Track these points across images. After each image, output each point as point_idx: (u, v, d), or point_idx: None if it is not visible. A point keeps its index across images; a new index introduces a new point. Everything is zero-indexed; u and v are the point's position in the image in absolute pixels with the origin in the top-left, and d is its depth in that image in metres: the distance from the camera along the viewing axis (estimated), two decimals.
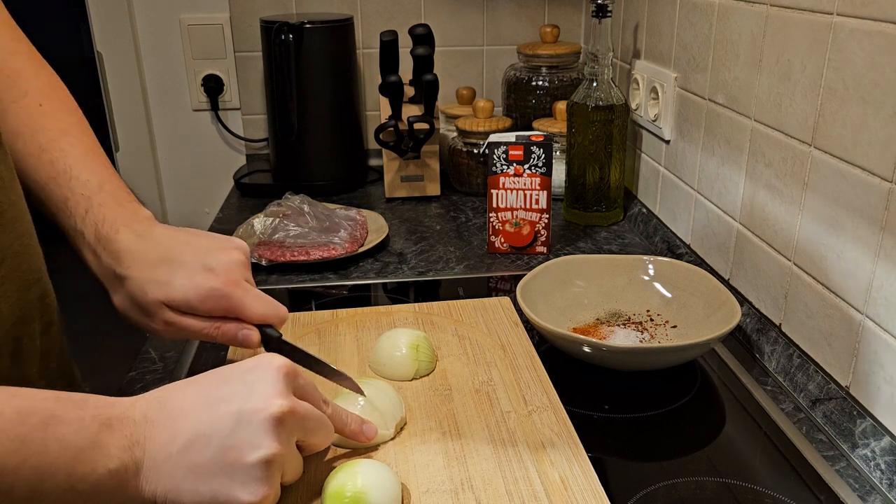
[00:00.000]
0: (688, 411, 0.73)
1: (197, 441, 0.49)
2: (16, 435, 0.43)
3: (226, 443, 0.49)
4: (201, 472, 0.49)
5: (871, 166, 0.64)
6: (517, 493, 0.56)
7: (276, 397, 0.51)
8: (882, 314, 0.64)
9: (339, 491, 0.53)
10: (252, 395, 0.51)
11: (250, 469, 0.49)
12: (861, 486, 0.63)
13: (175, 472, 0.49)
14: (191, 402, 0.51)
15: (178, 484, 0.49)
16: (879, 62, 0.62)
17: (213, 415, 0.50)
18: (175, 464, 0.49)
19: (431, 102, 1.22)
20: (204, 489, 0.49)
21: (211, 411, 0.50)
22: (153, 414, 0.50)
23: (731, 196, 0.90)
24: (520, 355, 0.75)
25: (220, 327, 0.65)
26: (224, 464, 0.49)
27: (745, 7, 0.84)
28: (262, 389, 0.51)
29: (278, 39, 1.23)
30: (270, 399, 0.51)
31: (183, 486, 0.49)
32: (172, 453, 0.49)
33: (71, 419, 0.46)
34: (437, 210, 1.26)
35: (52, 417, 0.45)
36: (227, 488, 0.49)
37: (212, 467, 0.49)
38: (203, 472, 0.49)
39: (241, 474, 0.49)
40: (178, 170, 1.55)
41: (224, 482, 0.49)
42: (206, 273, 0.64)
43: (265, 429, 0.50)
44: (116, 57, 1.44)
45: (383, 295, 0.98)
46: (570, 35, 1.47)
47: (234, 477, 0.49)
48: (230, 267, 0.65)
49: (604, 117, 1.12)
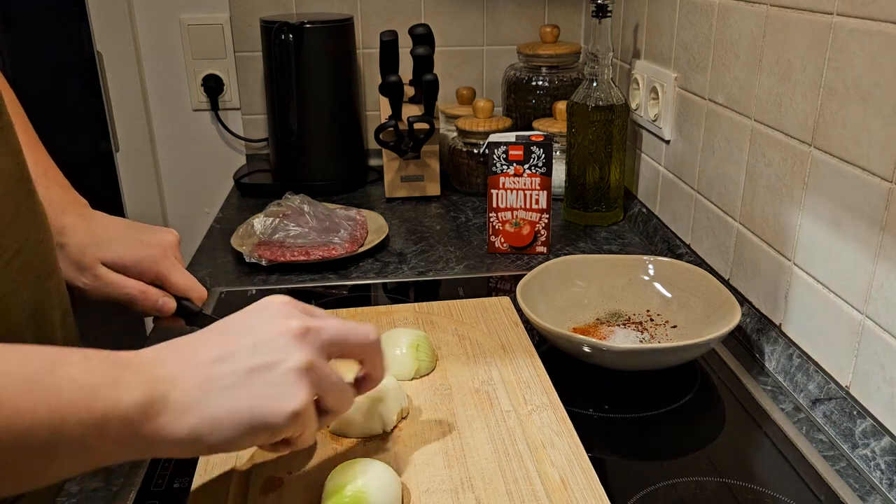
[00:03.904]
0: (688, 411, 0.73)
1: (222, 363, 0.47)
2: (23, 377, 0.41)
3: (251, 361, 0.48)
4: (235, 390, 0.47)
5: (871, 166, 0.64)
6: (517, 493, 0.56)
7: (290, 318, 0.50)
8: (882, 314, 0.64)
9: (339, 491, 0.53)
10: (265, 322, 0.50)
11: (285, 376, 0.48)
12: (861, 486, 0.63)
13: (208, 397, 0.46)
14: (199, 339, 0.50)
15: (213, 410, 0.46)
16: (879, 62, 0.62)
17: (228, 342, 0.49)
18: (205, 389, 0.46)
19: (431, 102, 1.22)
20: (242, 407, 0.47)
21: (225, 339, 0.49)
22: (164, 353, 0.48)
23: (731, 196, 0.90)
24: (520, 355, 0.75)
25: (145, 291, 0.71)
26: (255, 378, 0.47)
27: (745, 7, 0.84)
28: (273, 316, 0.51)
29: (278, 39, 1.23)
30: (286, 320, 0.50)
31: (219, 410, 0.46)
32: (199, 380, 0.47)
33: (76, 361, 0.44)
34: (437, 210, 1.26)
35: (58, 360, 0.44)
36: (265, 400, 0.47)
37: (244, 383, 0.47)
38: (237, 390, 0.47)
39: (276, 385, 0.47)
40: (178, 170, 1.55)
41: (260, 395, 0.47)
42: (140, 244, 0.72)
43: (289, 341, 0.49)
44: (116, 57, 1.44)
45: (383, 295, 0.98)
46: (570, 35, 1.47)
47: (270, 388, 0.47)
48: (163, 244, 0.73)
49: (604, 117, 1.12)
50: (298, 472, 0.59)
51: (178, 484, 0.61)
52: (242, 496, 0.56)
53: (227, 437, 0.47)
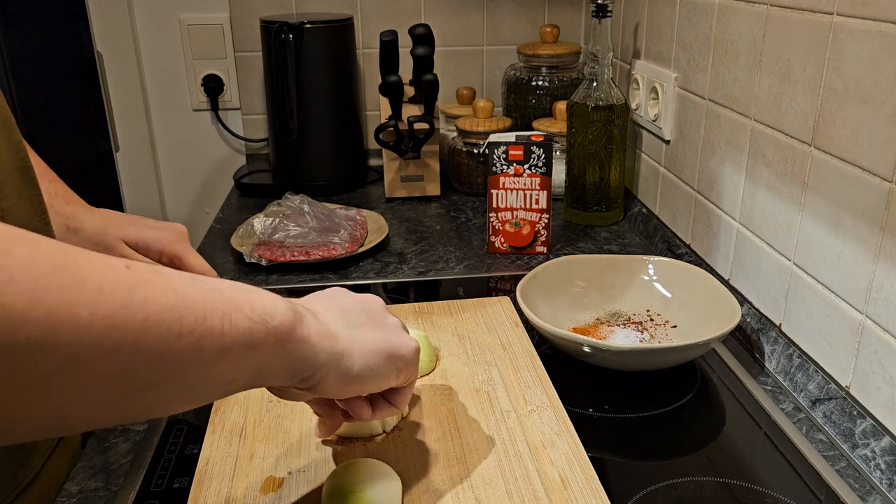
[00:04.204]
0: (688, 411, 0.73)
1: (347, 311, 0.53)
2: (180, 275, 0.41)
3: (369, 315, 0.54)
4: (368, 326, 0.53)
5: (871, 166, 0.64)
6: (517, 493, 0.56)
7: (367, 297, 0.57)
8: (882, 314, 0.64)
9: (339, 491, 0.53)
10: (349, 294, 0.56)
11: (398, 327, 0.55)
12: (861, 486, 0.63)
13: (351, 328, 0.51)
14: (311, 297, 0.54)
15: (359, 333, 0.52)
16: (879, 62, 0.62)
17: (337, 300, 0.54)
18: (345, 322, 0.52)
19: (431, 102, 1.22)
20: (379, 337, 0.53)
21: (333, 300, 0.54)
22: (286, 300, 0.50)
23: (731, 196, 0.90)
24: (520, 355, 0.75)
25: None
26: (379, 323, 0.54)
27: (745, 7, 0.84)
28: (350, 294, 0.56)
29: (278, 39, 1.23)
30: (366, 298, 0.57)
31: (361, 334, 0.52)
32: (336, 315, 0.52)
33: (210, 280, 0.44)
34: (437, 210, 1.26)
35: (200, 278, 0.42)
36: (394, 334, 0.54)
37: (374, 324, 0.54)
38: (370, 327, 0.53)
39: (398, 332, 0.55)
40: (178, 170, 1.55)
41: (390, 333, 0.54)
42: (155, 226, 0.77)
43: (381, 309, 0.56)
44: (116, 57, 1.44)
45: (383, 295, 0.98)
46: (570, 35, 1.47)
47: (393, 332, 0.54)
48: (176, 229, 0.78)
49: (604, 117, 1.12)
50: (298, 472, 0.59)
51: (178, 484, 0.61)
52: (242, 496, 0.56)
53: (373, 362, 0.52)
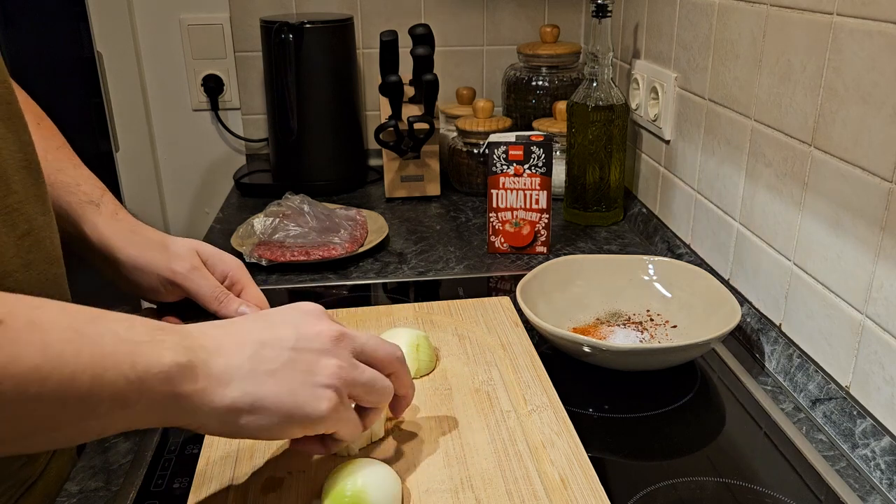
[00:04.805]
0: (688, 411, 0.73)
1: (266, 347, 0.49)
2: (67, 325, 0.41)
3: (293, 352, 0.49)
4: (279, 374, 0.48)
5: (872, 166, 0.64)
6: (517, 493, 0.56)
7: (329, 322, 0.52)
8: (882, 314, 0.64)
9: (339, 491, 0.53)
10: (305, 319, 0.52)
11: (324, 371, 0.49)
12: (861, 486, 0.63)
13: (253, 375, 0.47)
14: (243, 322, 0.51)
15: (257, 388, 0.47)
16: (879, 62, 0.62)
17: (272, 329, 0.50)
18: (251, 366, 0.48)
19: (431, 102, 1.22)
20: (284, 392, 0.48)
21: (269, 326, 0.50)
22: (208, 328, 0.49)
23: (731, 196, 0.90)
24: (520, 355, 0.75)
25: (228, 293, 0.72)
26: (296, 369, 0.49)
27: (745, 7, 0.84)
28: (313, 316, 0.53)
29: (278, 39, 1.23)
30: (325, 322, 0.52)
31: (263, 390, 0.47)
32: (246, 357, 0.48)
33: (120, 319, 0.44)
34: (437, 210, 1.26)
35: (101, 316, 0.43)
36: (305, 391, 0.48)
37: (287, 371, 0.48)
38: (281, 375, 0.48)
39: (315, 377, 0.49)
40: (178, 170, 1.55)
41: (301, 385, 0.48)
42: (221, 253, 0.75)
43: (326, 341, 0.51)
44: (116, 57, 1.44)
45: (383, 295, 0.98)
46: (570, 35, 1.47)
47: (310, 379, 0.49)
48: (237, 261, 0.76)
49: (604, 117, 1.12)
50: (298, 472, 0.59)
51: (178, 484, 0.61)
52: (242, 496, 0.56)
53: (265, 422, 0.47)
